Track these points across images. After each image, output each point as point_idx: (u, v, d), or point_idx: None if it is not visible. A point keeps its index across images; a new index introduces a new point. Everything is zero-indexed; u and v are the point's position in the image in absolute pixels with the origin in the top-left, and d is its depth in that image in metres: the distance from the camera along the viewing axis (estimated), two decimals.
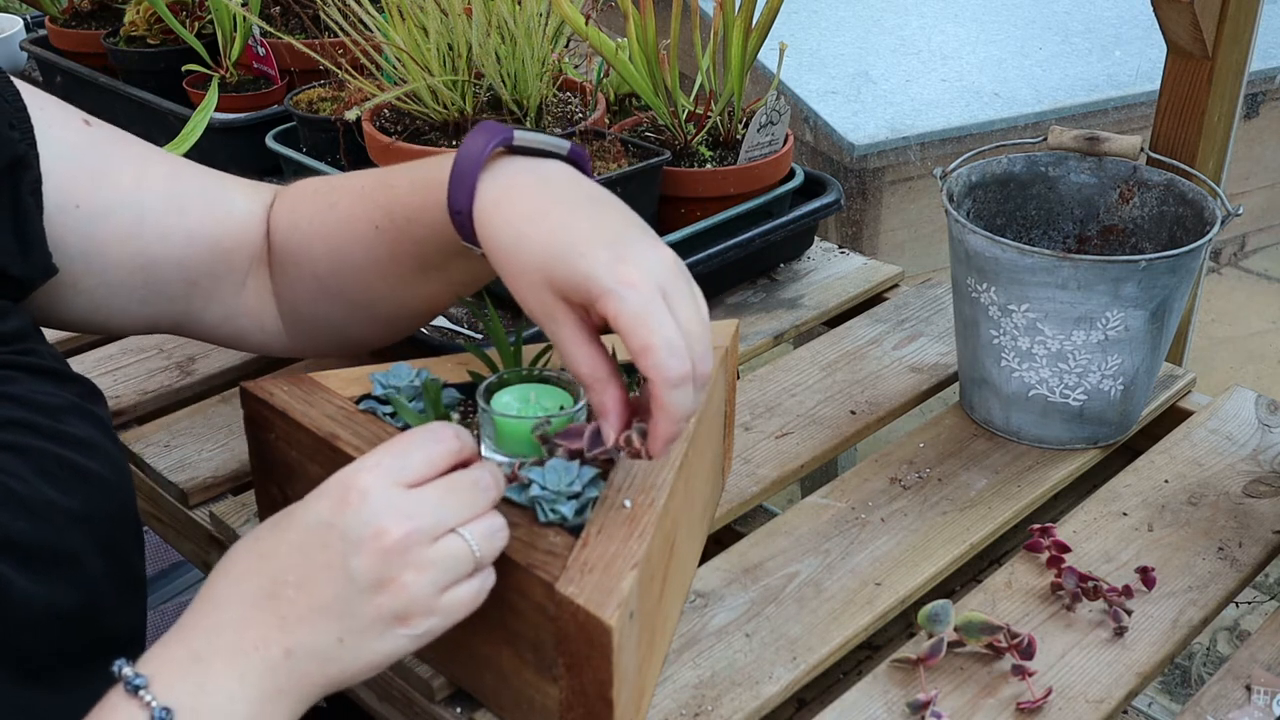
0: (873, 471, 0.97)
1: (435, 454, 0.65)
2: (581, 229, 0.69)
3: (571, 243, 0.68)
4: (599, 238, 0.69)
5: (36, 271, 0.76)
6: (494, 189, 0.73)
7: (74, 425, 0.70)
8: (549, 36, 1.12)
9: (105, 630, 0.71)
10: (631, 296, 0.66)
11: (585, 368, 0.69)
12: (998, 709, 0.76)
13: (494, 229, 0.72)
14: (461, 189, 0.73)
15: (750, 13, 1.12)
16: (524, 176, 0.73)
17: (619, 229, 0.71)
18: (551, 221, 0.70)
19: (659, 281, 0.68)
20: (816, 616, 0.82)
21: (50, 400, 0.70)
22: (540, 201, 0.72)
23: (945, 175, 1.01)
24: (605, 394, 0.69)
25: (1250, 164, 2.83)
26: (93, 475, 0.70)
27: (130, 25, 1.45)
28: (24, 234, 0.75)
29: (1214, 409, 1.05)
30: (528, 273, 0.70)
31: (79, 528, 0.68)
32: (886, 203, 2.39)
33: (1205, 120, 1.16)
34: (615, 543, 0.67)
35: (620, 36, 1.15)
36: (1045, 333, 0.93)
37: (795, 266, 1.26)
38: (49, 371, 0.72)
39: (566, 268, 0.68)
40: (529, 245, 0.70)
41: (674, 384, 0.66)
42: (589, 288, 0.67)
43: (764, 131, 1.15)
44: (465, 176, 0.73)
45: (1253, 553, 0.89)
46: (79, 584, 0.68)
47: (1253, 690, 0.78)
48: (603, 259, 0.67)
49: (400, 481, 0.64)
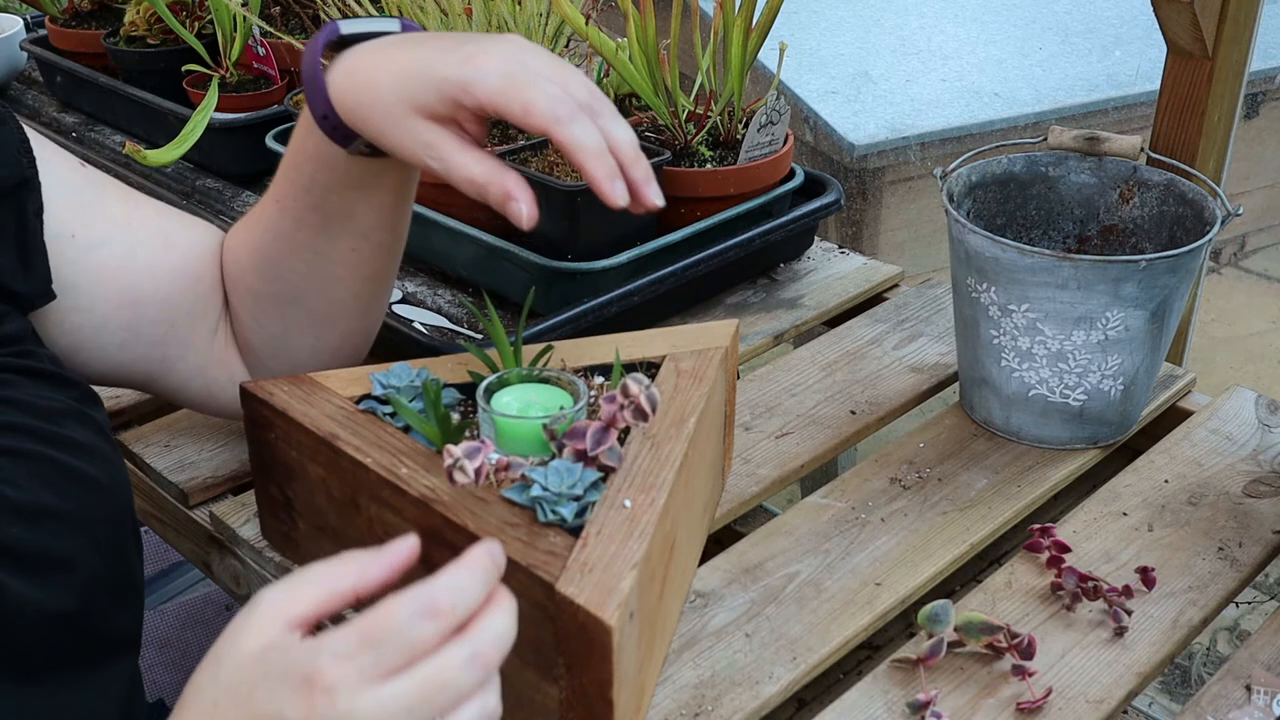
0: (873, 471, 0.97)
1: (417, 639, 0.53)
2: (430, 47, 0.72)
3: (425, 59, 0.71)
4: (446, 45, 0.71)
5: (37, 291, 0.77)
6: (340, 74, 0.74)
7: (72, 429, 0.70)
8: (549, 36, 1.12)
9: (101, 631, 0.71)
10: (490, 73, 0.68)
11: (477, 168, 0.70)
12: (998, 709, 0.76)
13: (352, 96, 0.73)
14: (315, 94, 0.75)
15: (750, 13, 1.12)
16: (364, 52, 0.75)
17: (465, 35, 0.73)
18: (400, 57, 0.72)
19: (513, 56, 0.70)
20: (816, 616, 0.82)
21: (48, 404, 0.70)
22: (385, 51, 0.74)
23: (945, 175, 1.01)
24: (506, 179, 0.70)
25: (1250, 164, 2.83)
26: (90, 479, 0.70)
27: (130, 25, 1.45)
28: (27, 253, 0.76)
29: (1214, 409, 1.05)
30: (392, 111, 0.71)
31: (75, 532, 0.68)
32: (886, 203, 2.39)
33: (1205, 120, 1.16)
34: (615, 543, 0.67)
35: (620, 36, 1.15)
36: (1045, 333, 0.93)
37: (795, 266, 1.26)
38: (47, 375, 0.72)
39: (423, 83, 0.70)
40: (385, 86, 0.71)
41: (568, 119, 0.68)
42: (450, 90, 0.69)
43: (764, 131, 1.15)
44: (313, 81, 0.75)
45: (1253, 553, 0.89)
46: (75, 587, 0.68)
47: (1253, 690, 0.78)
48: (454, 58, 0.69)
49: (373, 676, 0.52)
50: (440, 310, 1.12)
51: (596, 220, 1.06)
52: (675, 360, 0.83)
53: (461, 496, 0.70)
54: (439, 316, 1.10)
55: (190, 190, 1.37)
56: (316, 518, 0.81)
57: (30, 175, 0.76)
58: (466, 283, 1.16)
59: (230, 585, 0.93)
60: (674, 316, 1.17)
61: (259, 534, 0.89)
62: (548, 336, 1.00)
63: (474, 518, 0.68)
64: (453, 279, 1.17)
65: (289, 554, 0.86)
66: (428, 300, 1.13)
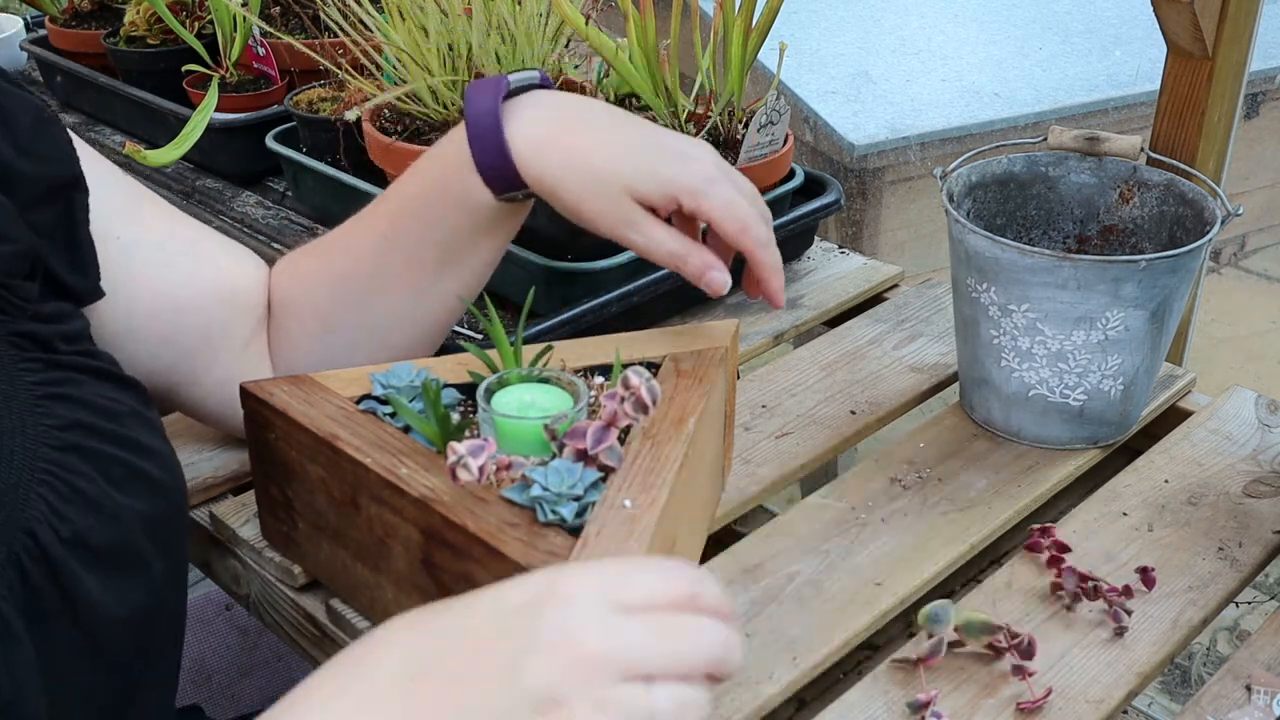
0: (873, 471, 0.97)
1: (661, 589, 0.53)
2: (641, 143, 0.80)
3: (644, 156, 0.79)
4: (663, 148, 0.81)
5: (87, 288, 0.78)
6: (525, 132, 0.80)
7: (135, 431, 0.71)
8: (549, 36, 1.12)
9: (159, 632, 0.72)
10: (716, 191, 0.79)
11: (675, 244, 0.80)
12: (998, 709, 0.76)
13: (552, 163, 0.79)
14: (488, 145, 0.79)
15: (750, 13, 1.11)
16: (543, 111, 0.81)
17: (664, 134, 0.83)
18: (609, 141, 0.80)
19: (719, 168, 0.81)
20: (816, 616, 0.82)
21: (113, 405, 0.71)
22: (581, 126, 0.81)
23: (945, 175, 1.01)
24: (703, 253, 0.81)
25: (1250, 164, 2.83)
26: (154, 481, 0.70)
27: (130, 25, 1.45)
28: (79, 251, 0.77)
29: (1214, 409, 1.05)
30: (608, 192, 0.79)
31: (143, 530, 0.69)
32: (886, 203, 2.39)
33: (1205, 120, 1.15)
34: (615, 543, 0.67)
35: (620, 36, 1.15)
36: (1045, 333, 0.93)
37: (795, 266, 1.26)
38: (110, 375, 0.73)
39: (650, 176, 0.78)
40: (605, 170, 0.79)
41: (767, 243, 0.82)
42: (675, 192, 0.79)
43: (764, 131, 1.15)
44: (489, 132, 0.79)
45: (1253, 553, 0.89)
46: (146, 586, 0.69)
47: (1253, 690, 0.78)
48: (679, 164, 0.79)
49: (614, 600, 0.52)
50: None
51: None
52: (675, 360, 0.83)
53: (461, 496, 0.70)
54: None
55: (190, 190, 1.37)
56: (316, 518, 0.81)
57: (79, 174, 0.77)
58: None
59: (230, 585, 0.93)
60: (674, 316, 1.17)
61: (259, 534, 0.89)
62: (548, 336, 1.00)
63: (474, 518, 0.68)
64: None
65: (289, 554, 0.86)
66: None
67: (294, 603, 0.86)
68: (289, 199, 1.34)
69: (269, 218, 1.30)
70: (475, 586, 0.69)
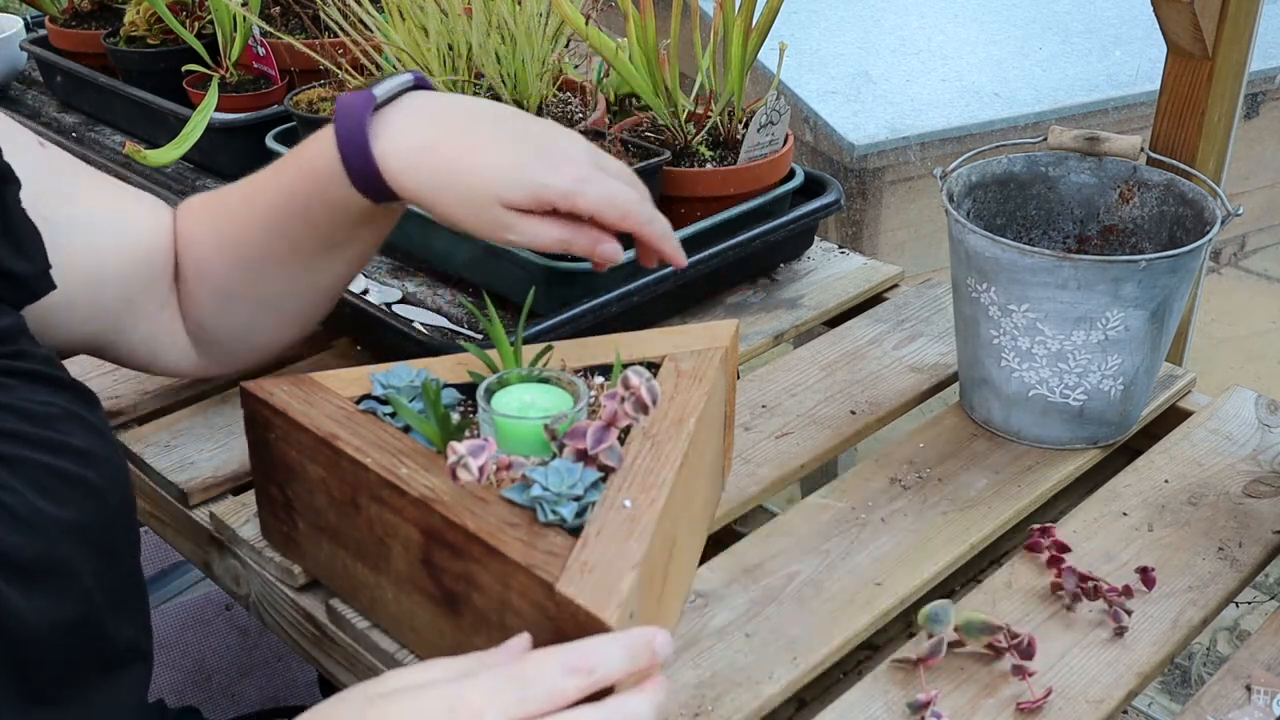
0: (873, 471, 0.97)
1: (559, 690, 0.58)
2: (510, 147, 0.80)
3: (513, 162, 0.79)
4: (530, 148, 0.80)
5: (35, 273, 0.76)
6: (393, 147, 0.80)
7: (69, 434, 0.70)
8: (549, 36, 1.12)
9: (106, 639, 0.71)
10: (589, 189, 0.78)
11: (557, 231, 0.79)
12: (998, 709, 0.76)
13: (422, 180, 0.80)
14: (357, 165, 0.80)
15: (750, 13, 1.11)
16: (412, 121, 0.81)
17: (535, 132, 0.82)
18: (477, 148, 0.80)
19: (590, 162, 0.80)
20: (816, 616, 0.82)
21: (44, 409, 0.70)
22: (449, 136, 0.81)
23: (945, 175, 1.01)
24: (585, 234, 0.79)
25: (1250, 164, 2.83)
26: (88, 485, 0.69)
27: (130, 25, 1.45)
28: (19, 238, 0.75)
29: (1214, 409, 1.05)
30: (476, 202, 0.79)
31: (73, 538, 0.67)
32: (886, 203, 2.39)
33: (1205, 120, 1.15)
34: (615, 543, 0.67)
35: (620, 36, 1.15)
36: (1045, 333, 0.93)
37: (795, 266, 1.26)
38: (43, 377, 0.72)
39: (517, 185, 0.78)
40: (467, 176, 0.79)
41: (650, 219, 0.81)
42: (548, 197, 0.78)
43: (764, 131, 1.15)
44: (358, 152, 0.80)
45: (1253, 553, 0.89)
46: (75, 596, 0.67)
47: (1253, 690, 0.78)
48: (549, 170, 0.78)
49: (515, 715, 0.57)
50: (440, 310, 1.12)
51: None
52: (675, 360, 0.83)
53: (461, 497, 0.70)
54: (439, 316, 1.10)
55: (190, 190, 1.37)
56: (316, 518, 0.81)
57: (5, 166, 0.76)
58: (466, 283, 1.16)
59: (230, 585, 0.93)
60: (674, 316, 1.17)
61: (259, 534, 0.89)
62: (548, 336, 1.00)
63: (474, 518, 0.68)
64: (453, 279, 1.17)
65: (289, 554, 0.86)
66: (428, 300, 1.13)
67: (294, 603, 0.86)
68: None
69: None
70: (475, 586, 0.69)
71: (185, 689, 1.46)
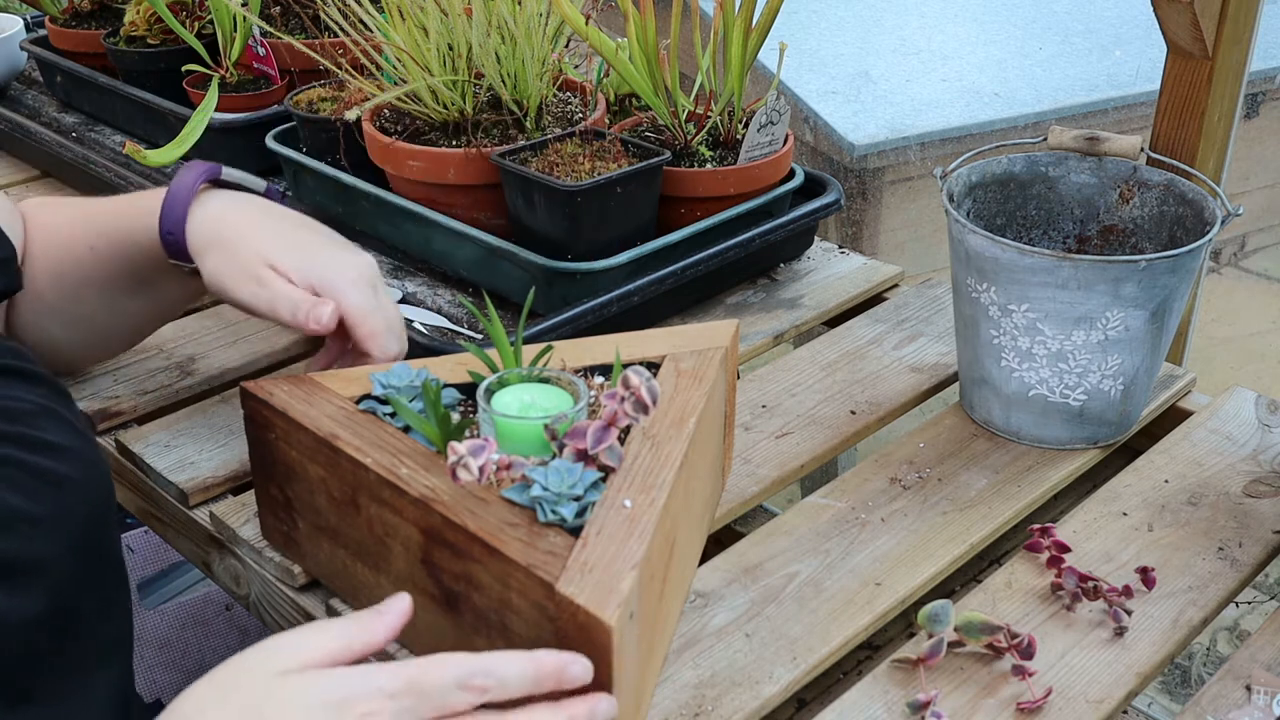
0: (873, 471, 0.97)
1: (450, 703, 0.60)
2: (304, 235, 0.87)
3: (300, 243, 0.86)
4: (320, 241, 0.87)
5: None
6: (204, 215, 0.88)
7: (44, 430, 0.70)
8: (549, 36, 1.12)
9: (84, 633, 0.70)
10: (355, 293, 0.84)
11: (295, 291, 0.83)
12: (998, 709, 0.76)
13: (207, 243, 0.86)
14: (174, 215, 0.88)
15: (750, 13, 1.12)
16: (230, 203, 0.89)
17: (328, 238, 0.89)
18: (279, 228, 0.87)
19: (370, 280, 0.86)
20: (816, 616, 0.82)
21: (18, 405, 0.70)
22: (250, 217, 0.88)
23: (945, 175, 1.01)
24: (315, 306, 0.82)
25: (1250, 164, 2.83)
26: (63, 480, 0.69)
27: (130, 25, 1.45)
28: None
29: (1214, 409, 1.05)
30: (254, 263, 0.84)
31: (48, 535, 0.67)
32: (886, 203, 2.39)
33: (1205, 120, 1.15)
34: (615, 543, 0.67)
35: (620, 36, 1.15)
36: (1045, 333, 0.93)
37: (795, 266, 1.26)
38: (15, 372, 0.72)
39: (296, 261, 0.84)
40: (247, 247, 0.85)
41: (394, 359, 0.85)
42: (316, 280, 0.83)
43: (764, 131, 1.15)
44: (178, 204, 0.88)
45: (1253, 553, 0.89)
46: (47, 590, 0.67)
47: (1253, 690, 0.78)
48: (329, 258, 0.85)
49: None
50: (440, 310, 1.12)
51: (596, 220, 1.06)
52: (675, 360, 0.83)
53: (461, 496, 0.70)
54: (439, 316, 1.10)
55: None
56: (316, 518, 0.81)
57: None
58: (466, 283, 1.16)
59: (230, 585, 0.93)
60: (674, 316, 1.17)
61: (259, 534, 0.89)
62: (548, 336, 1.00)
63: (474, 518, 0.68)
64: (453, 279, 1.17)
65: (289, 554, 0.86)
66: (428, 300, 1.13)
67: (294, 603, 0.86)
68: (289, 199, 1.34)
69: None
70: (475, 586, 0.69)
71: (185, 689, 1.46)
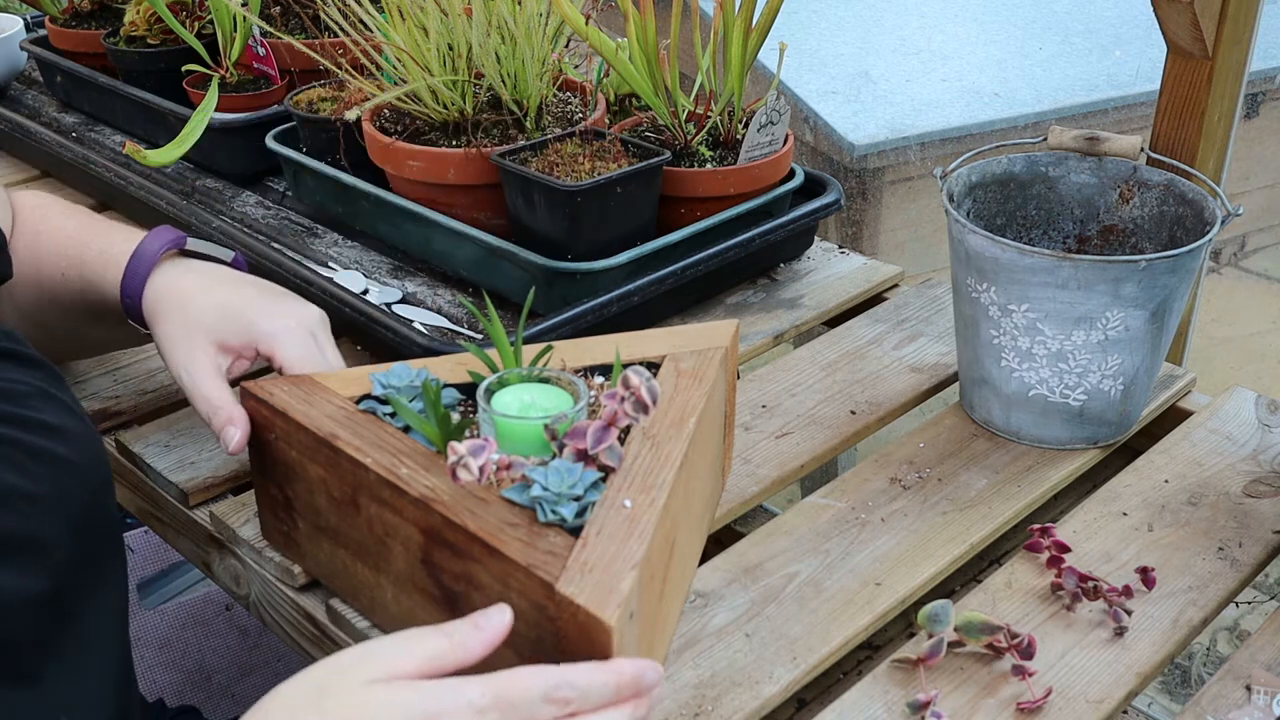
0: (873, 471, 0.97)
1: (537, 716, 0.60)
2: (244, 295, 0.89)
3: (237, 305, 0.87)
4: (259, 297, 0.89)
5: None
6: (159, 283, 0.90)
7: (41, 411, 0.71)
8: (549, 36, 1.12)
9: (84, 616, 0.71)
10: (292, 344, 0.86)
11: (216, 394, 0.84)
12: (998, 709, 0.76)
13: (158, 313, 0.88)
14: (134, 281, 0.90)
15: (750, 13, 1.12)
16: (183, 272, 0.91)
17: (276, 293, 0.90)
18: (217, 294, 0.88)
19: (310, 328, 0.87)
20: (816, 616, 0.82)
21: (14, 387, 0.71)
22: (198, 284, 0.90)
23: (945, 175, 1.01)
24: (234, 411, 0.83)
25: (1250, 164, 2.83)
26: (61, 460, 0.70)
27: (130, 25, 1.45)
28: None
29: (1214, 409, 1.05)
30: (196, 335, 0.86)
31: (46, 514, 0.68)
32: (886, 203, 2.39)
33: (1205, 120, 1.16)
34: (615, 543, 0.67)
35: (620, 36, 1.15)
36: (1045, 333, 0.93)
37: (795, 266, 1.26)
38: (12, 355, 0.73)
39: (235, 325, 0.86)
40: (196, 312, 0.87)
41: None
42: (254, 336, 0.86)
43: (764, 131, 1.15)
44: (140, 270, 0.90)
45: (1253, 553, 0.89)
46: (48, 569, 0.67)
47: (1253, 690, 0.78)
48: (263, 312, 0.87)
49: None
50: (440, 310, 1.12)
51: (596, 220, 1.06)
52: (675, 360, 0.83)
53: (461, 496, 0.70)
54: (439, 316, 1.10)
55: (190, 190, 1.37)
56: (316, 518, 0.81)
57: None
58: (466, 283, 1.16)
59: (230, 585, 0.93)
60: (674, 316, 1.17)
61: (259, 534, 0.89)
62: (548, 336, 1.00)
63: (474, 518, 0.68)
64: (453, 279, 1.17)
65: (289, 554, 0.86)
66: (428, 300, 1.13)
67: (294, 603, 0.86)
68: (289, 199, 1.34)
69: (269, 218, 1.30)
70: (475, 586, 0.69)
71: (185, 689, 1.46)
